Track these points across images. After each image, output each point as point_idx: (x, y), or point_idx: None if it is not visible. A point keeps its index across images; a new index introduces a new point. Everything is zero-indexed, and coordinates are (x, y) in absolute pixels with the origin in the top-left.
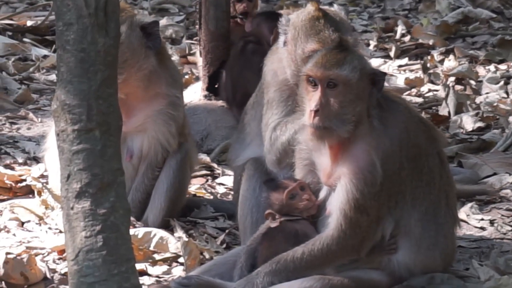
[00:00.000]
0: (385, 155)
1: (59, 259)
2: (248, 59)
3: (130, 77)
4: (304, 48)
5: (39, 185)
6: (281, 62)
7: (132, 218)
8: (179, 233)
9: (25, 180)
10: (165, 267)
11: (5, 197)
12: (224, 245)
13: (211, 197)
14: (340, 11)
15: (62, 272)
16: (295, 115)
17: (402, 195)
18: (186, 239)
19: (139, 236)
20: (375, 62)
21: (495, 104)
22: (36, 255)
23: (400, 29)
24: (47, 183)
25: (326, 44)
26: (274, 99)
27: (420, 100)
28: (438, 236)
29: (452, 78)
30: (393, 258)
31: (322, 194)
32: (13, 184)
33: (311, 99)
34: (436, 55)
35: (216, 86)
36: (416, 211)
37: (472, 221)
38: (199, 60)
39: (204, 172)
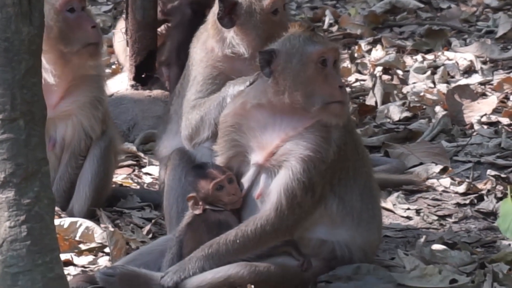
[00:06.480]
0: (335, 129)
1: None
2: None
3: None
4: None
5: None
6: (214, 38)
7: (57, 208)
8: (105, 223)
9: None
10: (90, 257)
11: None
12: (150, 235)
13: (138, 187)
14: None
15: None
16: (216, 94)
17: (345, 171)
18: (112, 229)
19: (65, 226)
20: None
21: (421, 94)
22: None
23: (328, 19)
24: None
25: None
26: (203, 75)
27: (347, 90)
28: (375, 208)
29: (379, 68)
30: (330, 239)
31: (249, 175)
32: None
33: (327, 77)
34: (363, 45)
35: (143, 76)
36: (357, 186)
37: (398, 210)
38: (118, 49)
39: (130, 162)
